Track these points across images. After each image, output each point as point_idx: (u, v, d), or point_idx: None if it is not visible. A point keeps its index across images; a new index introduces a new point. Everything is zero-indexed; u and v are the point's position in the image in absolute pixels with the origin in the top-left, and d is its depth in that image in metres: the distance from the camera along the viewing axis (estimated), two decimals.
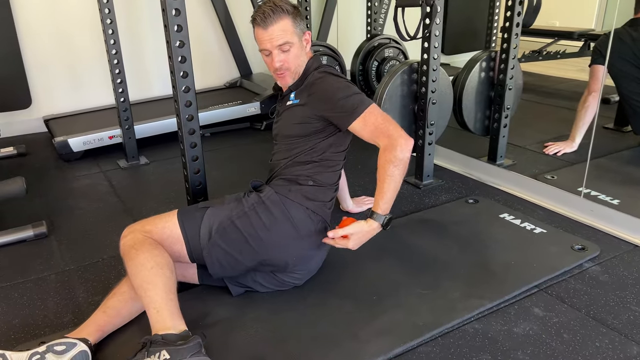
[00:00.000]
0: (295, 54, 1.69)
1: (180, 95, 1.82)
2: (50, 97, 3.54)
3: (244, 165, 2.96)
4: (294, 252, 1.66)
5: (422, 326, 1.55)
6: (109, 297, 1.56)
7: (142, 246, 1.49)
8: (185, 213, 1.62)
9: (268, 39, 1.64)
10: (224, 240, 1.59)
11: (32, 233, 2.10)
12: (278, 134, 1.80)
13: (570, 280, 1.78)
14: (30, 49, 3.41)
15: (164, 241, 1.56)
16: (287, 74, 1.72)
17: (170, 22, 1.73)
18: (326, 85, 1.67)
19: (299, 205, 1.65)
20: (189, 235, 1.58)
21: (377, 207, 1.57)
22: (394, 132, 1.57)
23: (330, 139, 1.71)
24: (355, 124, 1.62)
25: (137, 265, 1.45)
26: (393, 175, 1.55)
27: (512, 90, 2.65)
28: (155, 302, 1.40)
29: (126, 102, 2.86)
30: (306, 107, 1.69)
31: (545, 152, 2.91)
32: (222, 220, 1.60)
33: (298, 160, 1.72)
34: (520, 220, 2.17)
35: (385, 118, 1.61)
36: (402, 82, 2.49)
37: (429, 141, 2.53)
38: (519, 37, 2.58)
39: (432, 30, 2.33)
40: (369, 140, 1.62)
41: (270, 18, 1.62)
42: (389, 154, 1.55)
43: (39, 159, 3.08)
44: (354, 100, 1.63)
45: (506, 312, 1.63)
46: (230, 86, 4.03)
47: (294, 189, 1.67)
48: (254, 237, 1.61)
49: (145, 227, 1.57)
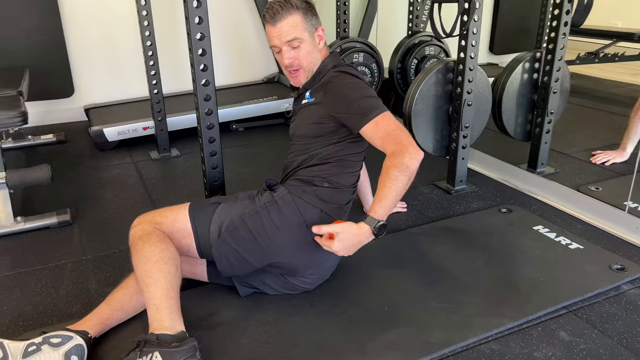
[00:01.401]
0: (306, 50, 1.63)
1: (200, 89, 1.79)
2: (92, 86, 3.62)
3: (273, 162, 2.91)
4: (304, 255, 1.59)
5: (433, 343, 1.45)
6: (116, 290, 1.55)
7: (149, 238, 1.46)
8: (196, 207, 1.58)
9: (277, 35, 1.60)
10: (233, 239, 1.54)
11: (56, 220, 2.14)
12: (294, 134, 1.73)
13: (604, 303, 1.63)
14: (75, 39, 3.50)
15: (174, 234, 1.53)
16: (299, 73, 1.67)
17: (191, 14, 1.70)
18: (341, 85, 1.60)
19: (312, 207, 1.59)
20: (199, 230, 1.55)
21: (372, 211, 1.45)
22: (405, 140, 1.48)
23: (345, 141, 1.63)
24: (366, 128, 1.53)
25: (142, 258, 1.43)
26: (396, 180, 1.44)
27: (557, 93, 2.48)
28: (155, 299, 1.37)
29: (159, 94, 2.87)
30: (320, 106, 1.63)
31: (592, 161, 2.72)
32: (233, 218, 1.56)
33: (314, 161, 1.65)
34: (555, 233, 2.02)
35: (398, 126, 1.53)
36: (437, 82, 2.37)
37: (463, 145, 2.40)
38: (567, 37, 2.40)
39: (470, 28, 2.20)
40: (380, 147, 1.53)
41: (279, 14, 1.58)
42: (396, 159, 1.45)
43: (76, 147, 3.15)
44: (368, 104, 1.55)
45: (528, 334, 1.50)
46: (267, 81, 4.00)
47: (309, 190, 1.61)
48: (264, 237, 1.55)
49: (155, 218, 1.55)
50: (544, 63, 2.48)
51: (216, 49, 3.83)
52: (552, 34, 2.41)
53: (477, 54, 2.27)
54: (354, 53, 3.19)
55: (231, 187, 2.49)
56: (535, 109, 2.57)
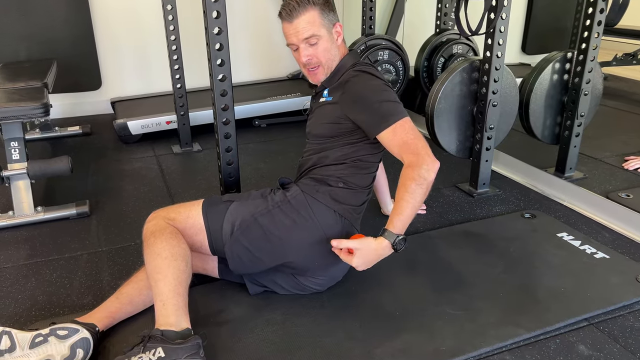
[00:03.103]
0: (324, 47, 1.59)
1: (216, 84, 1.78)
2: (119, 80, 3.67)
3: (293, 159, 2.88)
4: (316, 256, 1.56)
5: (444, 351, 1.41)
6: (126, 283, 1.55)
7: (161, 234, 1.46)
8: (209, 204, 1.57)
9: (294, 32, 1.57)
10: (245, 237, 1.53)
11: (75, 212, 2.16)
12: (310, 132, 1.71)
13: (629, 317, 1.55)
14: (103, 33, 3.55)
15: (186, 230, 1.53)
16: (318, 70, 1.62)
17: (209, 8, 1.69)
18: (360, 86, 1.56)
19: (326, 208, 1.56)
20: (211, 227, 1.54)
21: (390, 225, 1.43)
22: (422, 151, 1.45)
23: (362, 142, 1.60)
24: (383, 135, 1.50)
25: (153, 253, 1.43)
26: (414, 192, 1.41)
27: (588, 95, 2.38)
28: (163, 294, 1.37)
29: (182, 88, 2.88)
30: (338, 106, 1.59)
31: (624, 167, 2.61)
32: (245, 217, 1.54)
33: (329, 160, 1.62)
34: (580, 241, 1.94)
35: (416, 134, 1.49)
36: (462, 81, 2.30)
37: (487, 146, 2.33)
38: (600, 37, 2.30)
39: (497, 26, 2.13)
40: (396, 155, 1.49)
41: (295, 10, 1.55)
42: (413, 172, 1.42)
43: (101, 140, 3.20)
44: (386, 108, 1.51)
45: (545, 346, 1.44)
46: (292, 78, 3.98)
47: (322, 189, 1.58)
48: (276, 236, 1.53)
49: (169, 214, 1.54)
50: (575, 64, 2.38)
51: (241, 45, 3.90)
52: (585, 34, 2.31)
53: (503, 53, 2.20)
54: (379, 50, 3.14)
55: (250, 183, 2.49)
56: (564, 111, 2.47)
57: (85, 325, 1.37)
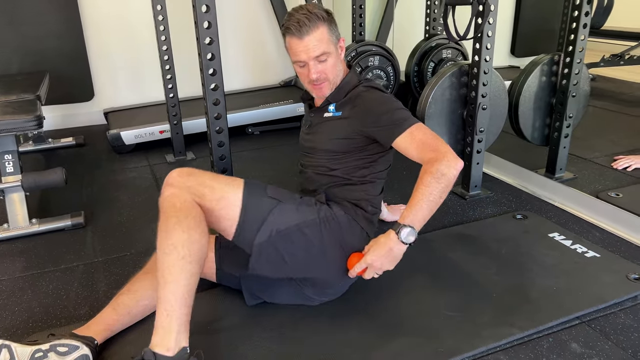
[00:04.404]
0: (332, 63, 1.57)
1: (209, 93, 1.79)
2: (112, 90, 3.68)
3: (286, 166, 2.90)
4: (339, 273, 1.56)
5: (440, 353, 1.42)
6: (122, 292, 1.54)
7: (185, 218, 1.32)
8: (251, 194, 1.46)
9: (304, 50, 1.52)
10: (284, 243, 1.48)
11: (70, 223, 2.17)
12: (315, 147, 1.66)
13: (620, 314, 1.57)
14: (95, 44, 3.56)
15: (214, 212, 1.41)
16: (324, 85, 1.60)
17: (200, 19, 1.71)
18: (370, 100, 1.57)
19: (360, 230, 1.58)
20: (247, 222, 1.44)
21: (402, 218, 1.41)
22: (442, 148, 1.42)
23: (376, 156, 1.61)
24: (400, 139, 1.48)
25: (169, 245, 1.30)
26: (429, 186, 1.38)
27: (576, 97, 2.41)
28: (169, 303, 1.28)
29: (175, 97, 2.90)
30: (349, 120, 1.58)
31: (613, 167, 2.64)
32: (290, 226, 1.48)
33: (354, 179, 1.61)
34: (571, 241, 1.97)
35: (434, 135, 1.48)
36: (451, 85, 2.33)
37: (478, 149, 2.36)
38: (586, 40, 2.34)
39: (485, 31, 2.16)
40: (416, 158, 1.46)
41: (305, 27, 1.49)
42: (431, 166, 1.39)
43: (94, 150, 3.21)
44: (400, 115, 1.51)
45: (538, 344, 1.46)
46: (285, 85, 4.01)
47: (360, 213, 1.60)
48: (318, 250, 1.51)
49: (200, 188, 1.40)
50: (562, 66, 2.42)
51: (234, 53, 3.92)
52: (571, 36, 2.35)
53: (492, 57, 2.23)
54: (370, 56, 3.17)
55: None
56: (553, 113, 2.51)
57: (85, 340, 1.37)
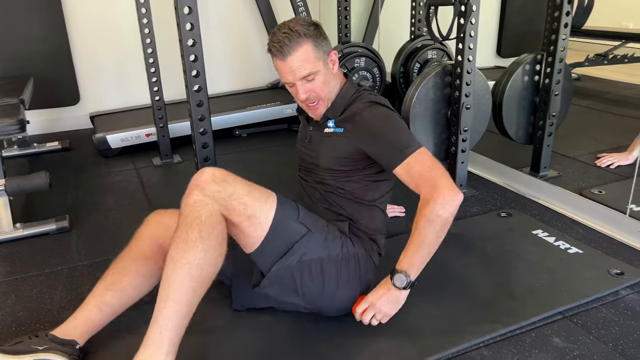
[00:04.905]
0: (321, 81, 1.47)
1: (192, 95, 1.80)
2: (98, 94, 3.67)
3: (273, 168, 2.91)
4: (345, 308, 1.54)
5: (423, 350, 1.43)
6: (107, 288, 1.45)
7: (208, 236, 1.24)
8: (283, 218, 1.39)
9: (289, 71, 1.44)
10: (300, 274, 1.43)
11: (55, 227, 2.16)
12: (318, 165, 1.57)
13: (602, 309, 1.59)
14: (80, 47, 3.55)
15: (239, 226, 1.34)
16: (319, 105, 1.52)
17: (182, 21, 1.71)
18: (373, 119, 1.47)
19: (374, 266, 1.57)
20: (271, 245, 1.38)
21: (398, 263, 1.41)
22: (440, 182, 1.35)
23: (380, 175, 1.55)
24: (399, 169, 1.42)
25: (183, 259, 1.22)
26: (424, 230, 1.35)
27: (559, 95, 2.44)
28: (166, 322, 1.22)
29: (161, 100, 2.89)
30: (351, 139, 1.49)
31: (597, 164, 2.67)
32: (313, 259, 1.43)
33: (365, 201, 1.55)
34: (554, 238, 1.99)
35: (434, 165, 1.40)
36: (435, 85, 2.35)
37: (462, 148, 2.38)
38: (567, 39, 2.37)
39: (467, 31, 2.18)
40: (414, 189, 1.41)
41: (287, 47, 1.40)
42: (426, 208, 1.34)
43: (81, 154, 3.19)
44: (400, 141, 1.43)
45: (521, 340, 1.47)
46: (272, 87, 4.01)
47: (375, 248, 1.57)
48: (332, 285, 1.47)
49: (231, 201, 1.31)
50: (544, 65, 2.44)
51: (220, 56, 3.92)
52: (552, 36, 2.38)
53: (474, 57, 2.25)
54: (355, 58, 3.18)
55: None
56: (537, 112, 2.53)
57: (66, 348, 1.34)
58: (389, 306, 1.45)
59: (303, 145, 1.65)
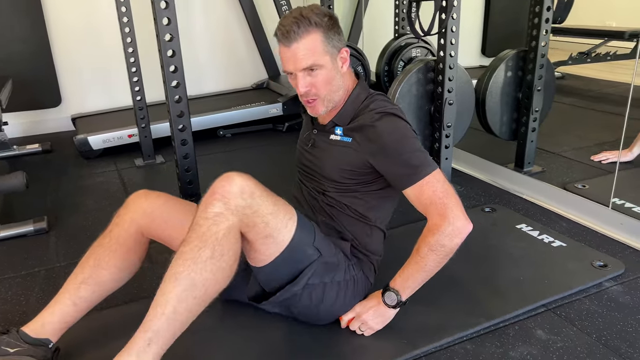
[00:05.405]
0: (325, 78, 1.36)
1: (170, 91, 1.77)
2: (80, 96, 3.62)
3: (257, 167, 2.89)
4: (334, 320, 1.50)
5: (405, 345, 1.41)
6: (84, 280, 1.39)
7: (221, 257, 1.17)
8: (299, 241, 1.33)
9: (291, 59, 1.33)
10: (302, 297, 1.39)
11: (32, 228, 2.11)
12: (321, 174, 1.48)
13: (585, 301, 1.58)
14: (61, 49, 3.50)
15: (252, 243, 1.27)
16: (316, 103, 1.39)
17: (159, 15, 1.69)
18: (385, 134, 1.35)
19: (371, 285, 1.52)
20: (282, 265, 1.33)
21: (393, 281, 1.38)
22: (450, 213, 1.29)
23: (387, 190, 1.46)
24: (409, 190, 1.34)
25: (187, 276, 1.15)
26: (426, 258, 1.31)
27: (541, 91, 2.44)
28: (156, 335, 1.14)
29: (142, 100, 2.86)
30: (359, 152, 1.39)
31: (593, 159, 2.65)
32: (317, 284, 1.38)
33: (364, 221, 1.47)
34: (538, 232, 1.98)
35: (446, 192, 1.32)
36: (418, 81, 2.34)
37: (446, 144, 2.36)
38: (549, 34, 2.38)
39: (449, 26, 2.17)
40: (421, 212, 1.35)
41: (293, 33, 1.30)
42: (432, 237, 1.30)
43: (61, 157, 3.14)
44: (416, 161, 1.34)
45: (504, 333, 1.46)
46: (257, 87, 3.99)
47: (373, 269, 1.52)
48: (329, 307, 1.43)
49: (254, 218, 1.22)
50: (526, 61, 2.44)
51: (205, 56, 3.89)
52: (534, 31, 2.39)
53: (457, 52, 2.24)
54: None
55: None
56: (520, 108, 2.53)
57: (38, 350, 1.29)
58: (376, 320, 1.42)
59: (305, 149, 1.54)
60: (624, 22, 4.49)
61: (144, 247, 1.48)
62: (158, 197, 1.49)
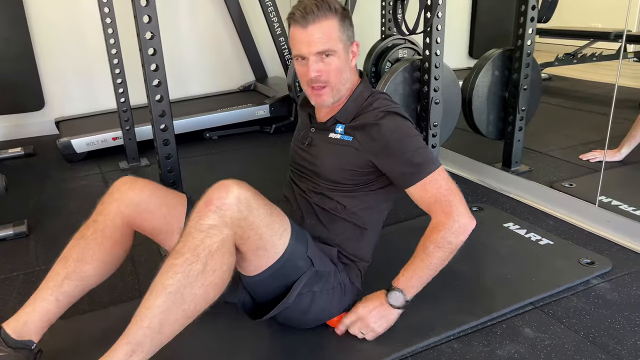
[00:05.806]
0: (337, 66, 1.33)
1: (151, 90, 1.74)
2: (63, 99, 3.57)
3: (242, 169, 2.86)
4: None
5: (392, 344, 1.39)
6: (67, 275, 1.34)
7: (212, 273, 1.12)
8: (292, 253, 1.29)
9: (305, 41, 1.30)
10: (291, 308, 1.33)
11: (12, 232, 2.07)
12: (317, 173, 1.44)
13: (572, 298, 1.57)
14: (44, 51, 3.45)
15: (244, 255, 1.23)
16: (325, 91, 1.35)
17: (139, 13, 1.66)
18: (389, 133, 1.34)
19: (358, 290, 1.49)
20: (273, 277, 1.28)
21: (396, 280, 1.35)
22: (455, 210, 1.30)
23: (384, 189, 1.44)
24: (413, 189, 1.33)
25: (176, 292, 1.10)
26: (431, 255, 1.30)
27: (527, 90, 2.44)
28: (140, 348, 1.10)
29: (126, 102, 2.82)
30: (360, 151, 1.37)
31: (581, 158, 2.65)
32: (306, 292, 1.34)
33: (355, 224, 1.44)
34: (525, 230, 1.97)
35: (450, 189, 1.32)
36: (404, 81, 2.33)
37: (433, 144, 2.35)
38: (534, 33, 2.38)
39: (434, 25, 2.17)
40: (425, 210, 1.35)
41: (312, 15, 1.28)
42: (437, 234, 1.29)
43: (45, 160, 3.09)
44: (418, 159, 1.33)
45: (492, 332, 1.44)
46: (244, 89, 3.96)
47: (360, 275, 1.49)
48: (316, 314, 1.40)
49: (249, 231, 1.18)
50: (512, 60, 2.44)
51: (192, 59, 3.86)
52: (519, 30, 2.39)
53: (442, 51, 2.23)
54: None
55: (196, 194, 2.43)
56: (506, 107, 2.53)
57: (19, 355, 1.24)
58: (379, 323, 1.38)
59: (301, 148, 1.50)
60: (609, 24, 4.53)
61: (130, 239, 1.42)
62: (145, 185, 1.42)
